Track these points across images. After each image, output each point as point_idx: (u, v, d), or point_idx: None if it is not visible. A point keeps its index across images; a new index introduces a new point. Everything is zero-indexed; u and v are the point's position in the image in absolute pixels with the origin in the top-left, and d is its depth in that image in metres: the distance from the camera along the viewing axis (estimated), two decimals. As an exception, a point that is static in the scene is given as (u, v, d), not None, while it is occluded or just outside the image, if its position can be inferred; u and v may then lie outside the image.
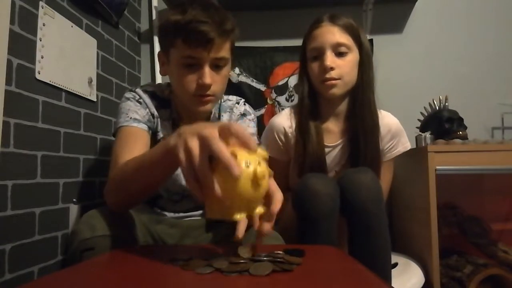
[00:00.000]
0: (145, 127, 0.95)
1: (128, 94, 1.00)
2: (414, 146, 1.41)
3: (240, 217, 0.52)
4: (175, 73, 0.93)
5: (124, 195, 0.77)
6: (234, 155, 0.49)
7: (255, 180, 0.50)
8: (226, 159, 0.48)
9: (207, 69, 0.89)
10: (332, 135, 1.15)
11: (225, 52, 0.91)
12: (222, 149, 0.49)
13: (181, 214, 1.05)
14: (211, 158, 0.51)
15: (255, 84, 1.76)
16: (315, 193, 0.91)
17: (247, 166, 0.49)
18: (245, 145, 0.52)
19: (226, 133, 0.52)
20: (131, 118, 0.94)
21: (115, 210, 0.80)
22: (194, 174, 0.51)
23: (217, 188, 0.49)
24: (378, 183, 0.95)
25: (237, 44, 1.83)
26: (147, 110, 0.98)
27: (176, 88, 0.96)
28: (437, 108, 1.43)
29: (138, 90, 1.01)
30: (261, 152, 0.53)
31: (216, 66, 0.91)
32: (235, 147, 0.51)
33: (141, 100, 0.98)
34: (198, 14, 0.85)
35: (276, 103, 1.75)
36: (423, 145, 1.34)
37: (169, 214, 1.05)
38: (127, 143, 0.90)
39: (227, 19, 0.90)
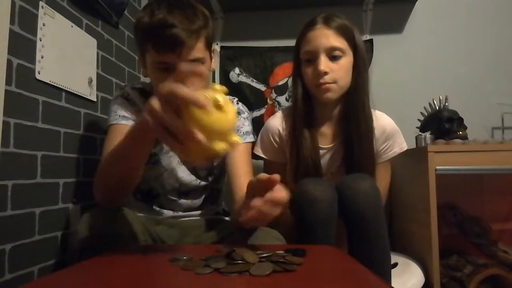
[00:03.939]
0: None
1: (117, 93, 1.04)
2: (414, 146, 1.40)
3: (220, 148, 0.54)
4: (152, 77, 0.93)
5: (107, 187, 0.78)
6: None
7: (219, 106, 0.53)
8: (190, 96, 0.51)
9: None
10: (326, 138, 1.14)
11: (198, 52, 0.88)
12: (183, 90, 0.51)
13: (180, 213, 1.05)
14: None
15: (255, 84, 1.76)
16: (313, 199, 0.91)
17: (206, 96, 0.52)
18: (196, 71, 0.56)
19: (179, 78, 0.55)
20: (119, 116, 0.96)
21: (104, 205, 0.81)
22: (164, 128, 0.53)
23: (190, 127, 0.51)
24: (376, 190, 0.94)
25: (237, 44, 1.86)
26: (135, 106, 0.99)
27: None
28: (437, 108, 1.43)
29: (127, 88, 1.03)
30: (218, 87, 0.56)
31: None
32: None
33: (129, 97, 1.00)
34: (164, 17, 0.83)
35: (276, 103, 1.75)
36: (423, 145, 1.34)
37: (168, 213, 1.05)
38: (115, 140, 0.91)
39: (196, 17, 0.87)
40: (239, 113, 1.08)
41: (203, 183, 1.05)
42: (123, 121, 0.95)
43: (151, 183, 1.03)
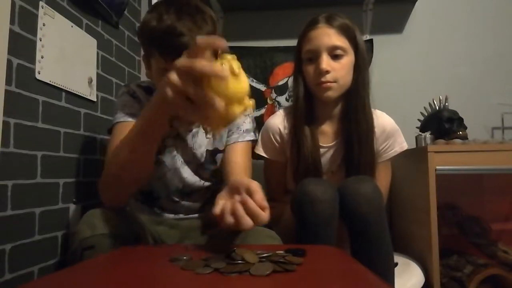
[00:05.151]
0: None
1: (122, 90, 1.03)
2: (414, 146, 1.40)
3: (238, 111, 0.58)
4: (157, 82, 0.92)
5: (120, 182, 0.78)
6: None
7: (234, 73, 0.57)
8: (210, 69, 0.53)
9: None
10: (327, 137, 1.14)
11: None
12: (202, 63, 0.53)
13: (181, 216, 1.05)
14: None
15: (255, 84, 1.76)
16: (314, 199, 0.91)
17: (223, 65, 0.56)
18: (214, 45, 0.56)
19: (195, 52, 0.56)
20: (126, 113, 0.95)
21: (111, 205, 0.81)
22: (185, 99, 0.55)
23: (211, 99, 0.54)
24: (378, 192, 0.94)
25: (237, 44, 1.85)
26: (141, 104, 0.99)
27: None
28: (437, 108, 1.43)
29: (132, 85, 1.02)
30: (229, 56, 0.60)
31: None
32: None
33: (135, 95, 0.99)
34: (173, 24, 0.81)
35: (276, 103, 1.75)
36: (423, 145, 1.34)
37: (169, 215, 1.04)
38: (121, 138, 0.90)
39: (205, 23, 0.86)
40: None
41: (206, 183, 1.05)
42: (130, 118, 0.95)
43: (154, 184, 1.02)
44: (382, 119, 1.14)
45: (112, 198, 0.81)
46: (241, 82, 0.58)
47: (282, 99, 1.75)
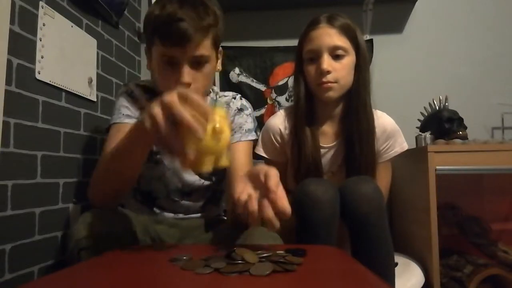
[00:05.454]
0: None
1: (121, 89, 1.04)
2: (414, 146, 1.40)
3: (207, 169, 0.58)
4: (156, 71, 0.93)
5: (105, 184, 0.80)
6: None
7: (215, 135, 0.56)
8: (188, 122, 0.53)
9: (185, 68, 0.87)
10: (327, 137, 1.14)
11: (204, 49, 0.88)
12: (183, 113, 0.53)
13: (180, 216, 1.05)
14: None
15: (255, 84, 1.76)
16: (314, 200, 0.91)
17: (206, 123, 0.55)
18: (200, 112, 0.56)
19: (185, 99, 0.56)
20: (123, 114, 0.96)
21: (99, 204, 0.82)
22: (162, 138, 0.55)
23: (183, 147, 0.55)
24: (379, 192, 0.94)
25: (237, 44, 1.86)
26: (139, 103, 0.99)
27: (158, 85, 0.95)
28: (437, 108, 1.43)
29: (131, 84, 1.03)
30: (220, 110, 0.59)
31: (197, 63, 0.88)
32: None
33: (132, 94, 1.00)
34: (174, 11, 0.83)
35: (276, 103, 1.75)
36: (423, 145, 1.34)
37: (169, 215, 1.04)
38: (116, 139, 0.91)
39: (207, 15, 0.87)
40: (242, 109, 1.06)
41: (206, 183, 1.05)
42: (126, 119, 0.95)
43: (154, 183, 1.02)
44: (382, 120, 1.14)
45: (100, 196, 0.83)
46: (218, 143, 0.57)
47: (282, 99, 1.75)
